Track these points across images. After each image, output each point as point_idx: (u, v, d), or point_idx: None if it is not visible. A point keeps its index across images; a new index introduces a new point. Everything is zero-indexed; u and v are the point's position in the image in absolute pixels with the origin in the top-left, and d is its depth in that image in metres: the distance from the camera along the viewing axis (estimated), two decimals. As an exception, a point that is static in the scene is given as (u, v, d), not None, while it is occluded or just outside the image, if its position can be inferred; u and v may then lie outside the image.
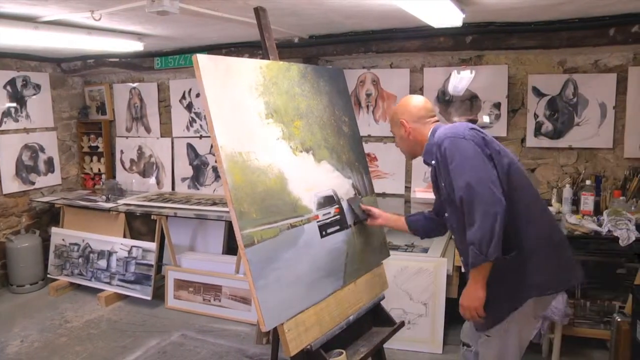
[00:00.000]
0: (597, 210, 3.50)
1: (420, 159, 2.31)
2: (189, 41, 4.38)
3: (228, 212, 2.03)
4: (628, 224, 3.09)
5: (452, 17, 2.94)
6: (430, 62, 4.20)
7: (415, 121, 2.25)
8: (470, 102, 4.09)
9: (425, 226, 2.53)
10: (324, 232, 2.39)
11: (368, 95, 4.41)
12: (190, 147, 5.22)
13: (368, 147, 4.37)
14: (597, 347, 3.42)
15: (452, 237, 2.35)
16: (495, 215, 1.86)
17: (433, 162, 2.15)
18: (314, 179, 2.44)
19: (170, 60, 4.78)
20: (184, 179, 5.28)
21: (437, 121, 2.28)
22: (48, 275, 4.93)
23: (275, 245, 2.12)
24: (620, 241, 3.01)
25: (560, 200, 3.66)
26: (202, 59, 2.02)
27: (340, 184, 2.60)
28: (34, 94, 5.14)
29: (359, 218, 2.61)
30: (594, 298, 3.42)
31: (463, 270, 2.35)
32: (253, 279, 1.99)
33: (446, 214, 2.24)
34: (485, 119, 4.04)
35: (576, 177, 3.76)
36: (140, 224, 5.27)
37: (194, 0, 2.70)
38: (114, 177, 5.61)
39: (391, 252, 2.96)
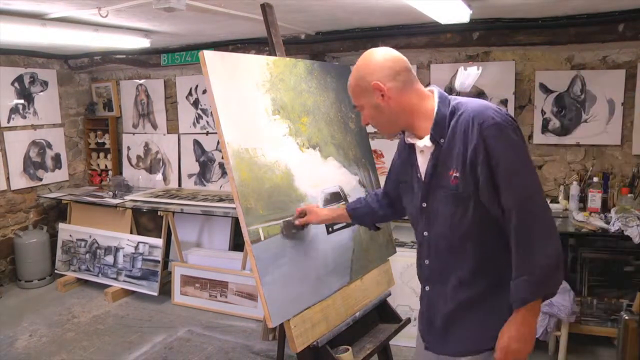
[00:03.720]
0: (605, 208, 3.49)
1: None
2: (196, 38, 4.39)
3: (234, 208, 2.03)
4: (638, 221, 3.07)
5: (459, 13, 2.93)
6: (437, 59, 4.18)
7: (392, 79, 1.63)
8: (477, 98, 4.07)
9: (372, 214, 2.10)
10: (330, 229, 2.39)
11: (374, 91, 4.39)
12: (196, 143, 5.23)
13: (374, 144, 4.36)
14: (604, 345, 3.40)
15: (420, 244, 1.75)
16: (559, 238, 1.51)
17: (442, 140, 1.61)
18: (321, 176, 2.44)
19: (177, 56, 4.78)
20: (190, 175, 5.30)
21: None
22: (55, 271, 4.96)
23: (281, 242, 2.12)
24: (633, 239, 2.99)
25: (567, 198, 3.65)
26: (208, 55, 2.02)
27: (347, 181, 2.60)
28: (42, 91, 5.16)
29: (297, 230, 2.20)
30: (601, 296, 3.41)
31: (421, 291, 1.79)
32: (259, 275, 2.00)
33: (424, 205, 1.69)
34: (492, 115, 4.01)
35: (583, 174, 3.74)
36: (147, 220, 5.29)
37: (200, -4, 2.70)
38: (120, 173, 5.63)
39: (397, 249, 2.96)
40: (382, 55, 1.68)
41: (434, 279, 1.73)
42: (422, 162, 1.69)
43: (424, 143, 1.66)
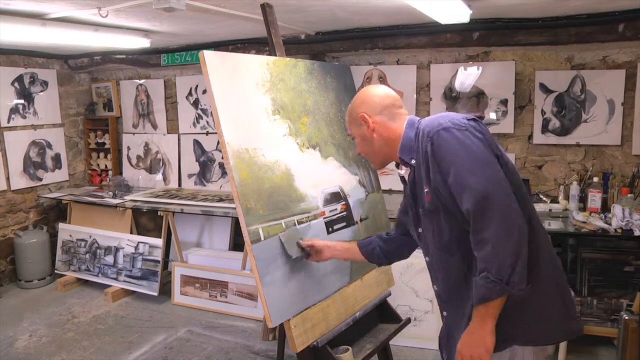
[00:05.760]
0: (605, 208, 3.48)
1: None
2: (196, 38, 4.39)
3: (234, 208, 2.03)
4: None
5: (459, 13, 2.93)
6: (437, 59, 4.18)
7: (379, 113, 1.71)
8: (477, 98, 4.07)
9: (387, 252, 2.05)
10: (330, 229, 2.39)
11: (374, 91, 4.39)
12: (196, 143, 5.23)
13: (374, 144, 4.36)
14: (604, 345, 3.40)
15: (427, 260, 1.77)
16: (520, 232, 1.39)
17: (413, 160, 1.62)
18: (321, 176, 2.44)
19: (177, 56, 4.78)
20: (190, 175, 5.30)
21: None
22: (55, 271, 4.96)
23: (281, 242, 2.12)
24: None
25: (567, 198, 3.64)
26: (208, 55, 2.02)
27: (347, 181, 2.60)
28: (42, 91, 5.16)
29: (297, 255, 2.16)
30: (601, 296, 3.41)
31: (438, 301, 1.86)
32: (259, 275, 2.00)
33: (419, 230, 1.71)
34: (492, 115, 4.02)
35: (583, 174, 3.74)
36: (147, 220, 5.28)
37: (200, -4, 2.71)
38: (120, 173, 5.63)
39: (397, 249, 2.96)
40: (372, 90, 1.79)
41: (445, 305, 1.75)
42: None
43: (403, 170, 1.74)
